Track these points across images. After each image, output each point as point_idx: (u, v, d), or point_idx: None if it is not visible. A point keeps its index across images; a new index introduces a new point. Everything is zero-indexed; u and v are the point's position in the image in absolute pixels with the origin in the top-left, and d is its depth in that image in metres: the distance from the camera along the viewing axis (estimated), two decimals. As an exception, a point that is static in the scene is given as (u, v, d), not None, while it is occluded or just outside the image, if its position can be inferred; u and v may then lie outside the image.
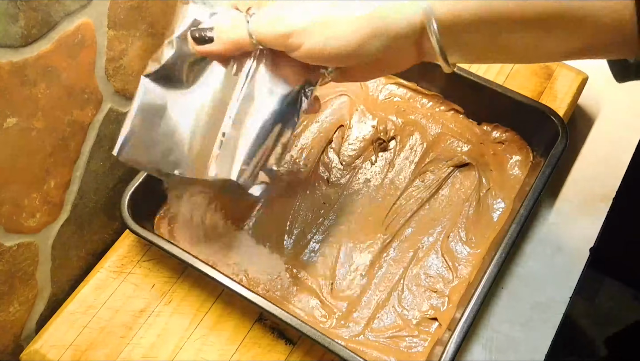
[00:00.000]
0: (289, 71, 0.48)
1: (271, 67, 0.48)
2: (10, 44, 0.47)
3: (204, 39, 0.48)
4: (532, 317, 0.61)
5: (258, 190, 0.50)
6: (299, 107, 0.50)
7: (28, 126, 0.52)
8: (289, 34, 0.44)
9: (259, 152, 0.49)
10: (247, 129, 0.49)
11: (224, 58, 0.49)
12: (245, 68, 0.49)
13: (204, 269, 0.57)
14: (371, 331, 0.59)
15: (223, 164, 0.49)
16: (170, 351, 0.59)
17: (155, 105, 0.51)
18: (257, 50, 0.48)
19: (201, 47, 0.48)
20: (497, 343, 0.60)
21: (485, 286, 0.56)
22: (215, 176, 0.49)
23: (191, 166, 0.51)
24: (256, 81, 0.49)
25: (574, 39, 0.41)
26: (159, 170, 0.51)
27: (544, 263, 0.64)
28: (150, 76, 0.50)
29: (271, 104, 0.49)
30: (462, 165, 0.67)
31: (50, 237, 0.60)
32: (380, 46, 0.43)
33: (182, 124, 0.51)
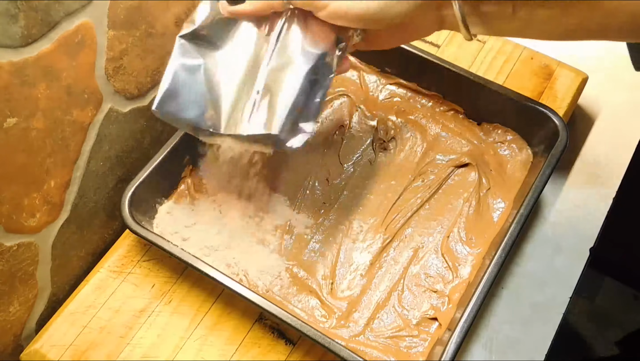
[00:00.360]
0: (319, 30, 0.50)
1: (302, 26, 0.51)
2: (10, 44, 0.47)
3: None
4: (532, 317, 0.61)
5: (299, 142, 0.52)
6: (331, 65, 0.53)
7: (28, 126, 0.52)
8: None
9: (296, 107, 0.52)
10: (283, 86, 0.51)
11: (256, 18, 0.52)
12: (277, 27, 0.52)
13: (204, 269, 0.57)
14: (371, 331, 0.59)
15: (260, 120, 0.51)
16: (170, 351, 0.59)
17: (190, 64, 0.53)
18: (287, 11, 0.50)
19: (234, 7, 0.50)
20: (497, 343, 0.60)
21: (485, 286, 0.56)
22: (254, 132, 0.52)
23: (226, 123, 0.53)
24: (288, 40, 0.51)
25: (591, 17, 0.42)
26: (194, 127, 0.54)
27: (544, 263, 0.64)
28: (186, 36, 0.53)
29: (304, 62, 0.51)
30: (462, 165, 0.67)
31: (50, 237, 0.60)
32: (403, 10, 0.45)
33: (217, 83, 0.53)
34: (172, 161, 0.64)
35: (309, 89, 0.52)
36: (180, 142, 0.64)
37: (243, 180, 0.64)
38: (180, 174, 0.67)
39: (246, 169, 0.63)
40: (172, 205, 0.65)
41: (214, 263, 0.61)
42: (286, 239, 0.63)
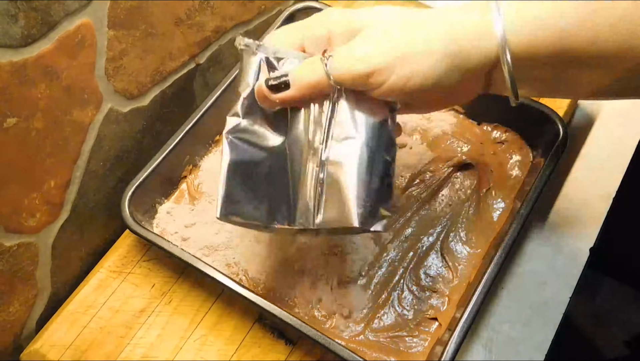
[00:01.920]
0: (369, 105, 0.48)
1: (352, 104, 0.48)
2: (10, 44, 0.47)
3: (280, 86, 0.47)
4: (532, 317, 0.61)
5: (381, 226, 0.49)
6: (391, 136, 0.50)
7: (28, 126, 0.52)
8: (369, 73, 0.44)
9: (368, 189, 0.48)
10: (346, 170, 0.48)
11: (301, 103, 0.49)
12: (326, 109, 0.48)
13: (204, 269, 0.57)
14: (371, 331, 0.59)
15: (332, 211, 0.48)
16: (170, 351, 0.59)
17: (242, 160, 0.50)
18: (334, 91, 0.47)
19: (278, 94, 0.48)
20: (497, 343, 0.60)
21: (485, 286, 0.56)
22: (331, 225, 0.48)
23: (297, 218, 0.50)
24: (340, 121, 0.48)
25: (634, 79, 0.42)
26: (260, 224, 0.50)
27: (544, 263, 0.64)
28: (232, 131, 0.50)
29: (361, 140, 0.48)
30: (462, 165, 0.67)
31: (50, 237, 0.60)
32: (457, 79, 0.44)
33: (272, 175, 0.50)
34: (172, 161, 0.64)
35: (376, 166, 0.49)
36: (180, 142, 0.64)
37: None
38: (180, 174, 0.67)
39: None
40: (172, 205, 0.65)
41: (214, 263, 0.61)
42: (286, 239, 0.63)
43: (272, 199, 0.50)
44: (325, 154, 0.49)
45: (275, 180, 0.51)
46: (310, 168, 0.50)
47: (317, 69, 0.46)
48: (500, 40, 0.41)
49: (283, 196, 0.50)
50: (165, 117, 0.69)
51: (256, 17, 0.76)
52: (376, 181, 0.49)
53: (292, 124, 0.50)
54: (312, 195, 0.49)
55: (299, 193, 0.50)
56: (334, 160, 0.49)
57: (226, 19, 0.71)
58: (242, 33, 0.75)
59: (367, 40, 0.45)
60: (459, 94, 0.47)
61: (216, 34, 0.71)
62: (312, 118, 0.49)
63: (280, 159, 0.51)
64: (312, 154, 0.49)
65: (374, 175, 0.49)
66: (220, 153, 0.68)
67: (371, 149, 0.48)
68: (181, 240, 0.63)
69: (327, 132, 0.49)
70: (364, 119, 0.48)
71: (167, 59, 0.66)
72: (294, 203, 0.50)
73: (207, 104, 0.66)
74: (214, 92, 0.67)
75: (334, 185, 0.48)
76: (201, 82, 0.73)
